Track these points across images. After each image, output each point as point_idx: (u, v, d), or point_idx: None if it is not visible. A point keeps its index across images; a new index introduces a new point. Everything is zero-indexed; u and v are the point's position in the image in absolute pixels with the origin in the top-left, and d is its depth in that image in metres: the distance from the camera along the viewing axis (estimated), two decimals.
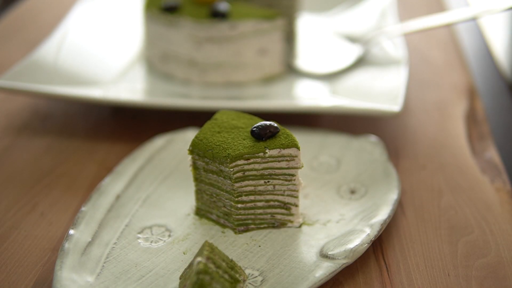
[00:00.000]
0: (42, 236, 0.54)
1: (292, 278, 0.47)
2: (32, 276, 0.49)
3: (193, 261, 0.45)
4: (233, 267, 0.46)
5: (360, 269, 0.49)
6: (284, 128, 0.52)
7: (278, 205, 0.52)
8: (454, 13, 0.75)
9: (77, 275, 0.47)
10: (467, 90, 0.76)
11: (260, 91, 0.73)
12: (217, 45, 0.73)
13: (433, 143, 0.66)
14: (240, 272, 0.47)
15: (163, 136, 0.63)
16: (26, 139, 0.68)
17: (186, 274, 0.46)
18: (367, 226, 0.51)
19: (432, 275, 0.49)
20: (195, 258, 0.45)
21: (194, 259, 0.45)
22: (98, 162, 0.64)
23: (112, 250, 0.50)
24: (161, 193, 0.57)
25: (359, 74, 0.74)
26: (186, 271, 0.46)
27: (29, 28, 0.94)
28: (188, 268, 0.46)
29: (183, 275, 0.46)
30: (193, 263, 0.45)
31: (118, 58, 0.80)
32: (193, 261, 0.45)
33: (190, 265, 0.46)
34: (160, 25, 0.75)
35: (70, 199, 0.58)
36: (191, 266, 0.45)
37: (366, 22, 0.87)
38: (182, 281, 0.46)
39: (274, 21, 0.74)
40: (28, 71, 0.71)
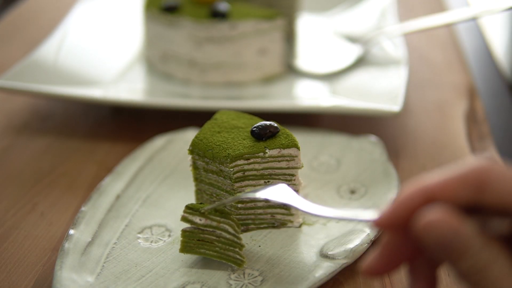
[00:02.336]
0: (42, 236, 0.54)
1: (292, 278, 0.47)
2: (32, 276, 0.49)
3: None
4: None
5: (360, 269, 0.49)
6: (284, 128, 0.52)
7: (278, 205, 0.52)
8: (454, 13, 0.75)
9: (77, 275, 0.47)
10: (467, 90, 0.76)
11: (260, 91, 0.73)
12: (217, 45, 0.73)
13: (433, 143, 0.66)
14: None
15: (163, 136, 0.63)
16: (26, 139, 0.68)
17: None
18: (367, 226, 0.51)
19: None
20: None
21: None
22: (98, 162, 0.64)
23: (112, 250, 0.50)
24: (161, 193, 0.57)
25: (359, 74, 0.74)
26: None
27: (29, 28, 0.94)
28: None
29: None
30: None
31: (118, 58, 0.80)
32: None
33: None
34: (160, 25, 0.75)
35: (70, 199, 0.58)
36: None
37: (366, 22, 0.87)
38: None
39: (274, 21, 0.74)
40: (28, 71, 0.71)
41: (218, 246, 0.47)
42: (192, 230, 0.48)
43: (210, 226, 0.47)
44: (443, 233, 0.31)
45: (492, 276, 0.31)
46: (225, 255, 0.48)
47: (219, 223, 0.47)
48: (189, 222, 0.48)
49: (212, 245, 0.48)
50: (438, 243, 0.32)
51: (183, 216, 0.48)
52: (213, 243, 0.47)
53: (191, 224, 0.48)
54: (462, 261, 0.32)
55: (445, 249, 0.32)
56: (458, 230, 0.31)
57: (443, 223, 0.31)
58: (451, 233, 0.31)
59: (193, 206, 0.48)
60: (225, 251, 0.47)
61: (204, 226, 0.47)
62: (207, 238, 0.48)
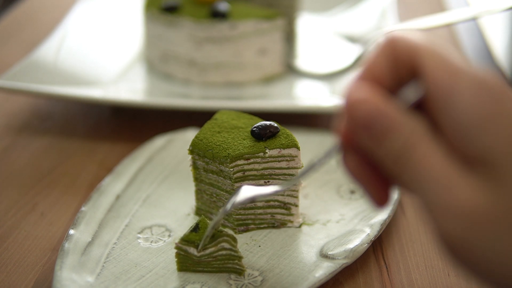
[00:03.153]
0: (42, 236, 0.54)
1: (292, 278, 0.47)
2: (32, 276, 0.49)
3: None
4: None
5: (360, 269, 0.49)
6: (284, 128, 0.52)
7: (278, 205, 0.52)
8: (454, 13, 0.75)
9: (77, 275, 0.47)
10: None
11: (260, 91, 0.73)
12: (217, 45, 0.73)
13: None
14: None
15: (163, 136, 0.63)
16: (26, 139, 0.68)
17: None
18: (367, 226, 0.51)
19: (432, 275, 0.49)
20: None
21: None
22: (98, 162, 0.64)
23: (112, 250, 0.50)
24: (161, 193, 0.57)
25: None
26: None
27: (29, 28, 0.94)
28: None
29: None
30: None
31: (118, 58, 0.80)
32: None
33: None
34: (160, 25, 0.75)
35: (70, 199, 0.58)
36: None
37: (366, 22, 0.87)
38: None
39: (274, 21, 0.74)
40: (28, 71, 0.71)
41: (216, 264, 0.47)
42: (188, 252, 0.47)
43: (207, 255, 0.47)
44: (367, 111, 0.31)
45: (417, 156, 0.30)
46: (225, 268, 0.47)
47: (216, 246, 0.47)
48: (185, 252, 0.47)
49: (209, 264, 0.47)
50: (364, 123, 0.31)
51: (178, 246, 0.47)
52: (208, 265, 0.47)
53: (187, 255, 0.47)
54: (387, 142, 0.31)
55: (370, 129, 0.31)
56: (381, 108, 0.31)
57: (367, 101, 0.31)
58: (374, 111, 0.31)
59: (188, 239, 0.47)
60: (224, 265, 0.47)
61: (201, 257, 0.47)
62: (204, 262, 0.47)
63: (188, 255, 0.47)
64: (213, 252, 0.47)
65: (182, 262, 0.48)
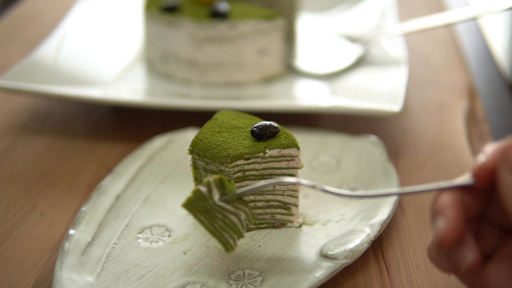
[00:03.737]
0: (42, 236, 0.54)
1: (292, 278, 0.47)
2: (32, 276, 0.49)
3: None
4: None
5: (360, 269, 0.49)
6: (284, 128, 0.52)
7: (278, 205, 0.52)
8: (454, 13, 0.75)
9: (77, 275, 0.47)
10: (467, 90, 0.76)
11: (260, 91, 0.73)
12: (217, 45, 0.73)
13: (433, 143, 0.66)
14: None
15: (163, 136, 0.63)
16: (26, 139, 0.68)
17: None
18: (367, 226, 0.51)
19: (432, 275, 0.49)
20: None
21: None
22: (98, 162, 0.64)
23: (112, 250, 0.50)
24: (161, 193, 0.57)
25: (359, 74, 0.74)
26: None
27: (29, 28, 0.94)
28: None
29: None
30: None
31: (118, 58, 0.80)
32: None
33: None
34: (160, 25, 0.75)
35: (70, 199, 0.58)
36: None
37: (366, 22, 0.87)
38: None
39: (274, 21, 0.74)
40: (28, 71, 0.71)
41: (218, 223, 0.47)
42: (205, 196, 0.46)
43: (221, 209, 0.46)
44: None
45: None
46: (220, 234, 0.47)
47: (236, 209, 0.46)
48: (207, 191, 0.46)
49: (213, 219, 0.47)
50: None
51: (208, 180, 0.46)
52: (216, 218, 0.47)
53: (205, 196, 0.46)
54: None
55: None
56: None
57: None
58: None
59: (223, 182, 0.46)
60: (222, 231, 0.47)
61: (216, 207, 0.46)
62: (213, 212, 0.47)
63: (207, 196, 0.46)
64: (228, 211, 0.46)
65: (193, 200, 0.46)
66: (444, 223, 0.37)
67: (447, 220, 0.37)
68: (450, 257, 0.38)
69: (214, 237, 0.47)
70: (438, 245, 0.37)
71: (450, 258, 0.38)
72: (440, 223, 0.38)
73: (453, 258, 0.38)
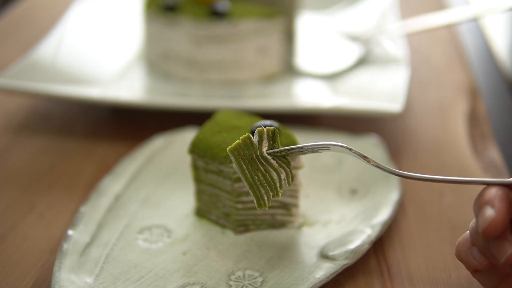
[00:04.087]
0: (40, 236, 0.53)
1: (293, 279, 0.47)
2: (31, 277, 0.49)
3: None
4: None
5: (360, 270, 0.49)
6: (284, 128, 0.52)
7: (278, 206, 0.52)
8: (455, 12, 0.74)
9: (76, 276, 0.47)
10: (469, 89, 0.76)
11: (260, 91, 0.73)
12: (217, 44, 0.73)
13: (434, 143, 0.66)
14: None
15: (162, 136, 0.63)
16: (24, 139, 0.68)
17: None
18: (368, 227, 0.50)
19: (434, 276, 0.48)
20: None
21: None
22: (97, 162, 0.64)
23: (111, 251, 0.50)
24: (160, 193, 0.57)
25: (360, 74, 0.74)
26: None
27: (27, 27, 0.94)
28: None
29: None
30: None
31: (117, 57, 0.80)
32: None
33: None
34: (159, 24, 0.75)
35: (69, 199, 0.58)
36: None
37: (367, 21, 0.87)
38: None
39: (274, 19, 0.73)
40: (26, 70, 0.71)
41: (258, 176, 0.45)
42: (254, 145, 0.45)
43: (266, 161, 0.45)
44: None
45: None
46: (256, 187, 0.45)
47: (279, 166, 0.46)
48: (258, 141, 0.45)
49: (254, 171, 0.45)
50: None
51: (261, 129, 0.45)
52: (257, 170, 0.45)
53: (254, 146, 0.45)
54: None
55: None
56: None
57: None
58: None
59: (275, 136, 0.46)
60: (260, 185, 0.45)
61: (262, 158, 0.45)
62: (256, 164, 0.45)
63: (255, 146, 0.45)
64: (271, 166, 0.45)
65: (241, 147, 0.45)
66: (493, 212, 0.39)
67: (496, 210, 0.39)
68: (488, 250, 0.40)
69: (251, 189, 0.45)
70: (483, 232, 0.39)
71: (487, 251, 0.40)
72: (488, 212, 0.39)
73: (492, 250, 0.39)
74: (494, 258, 0.40)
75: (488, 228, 0.39)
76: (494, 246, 0.39)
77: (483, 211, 0.40)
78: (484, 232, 0.39)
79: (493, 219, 0.39)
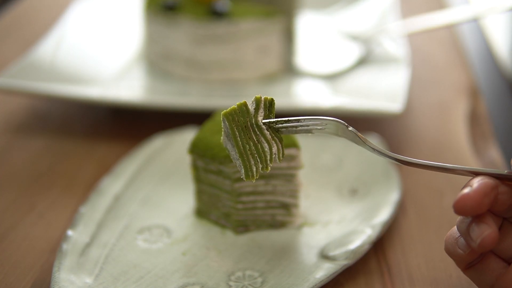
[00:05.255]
0: (40, 237, 0.53)
1: (293, 279, 0.46)
2: (30, 277, 0.49)
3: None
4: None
5: (361, 270, 0.49)
6: None
7: (278, 206, 0.52)
8: (456, 12, 0.74)
9: (76, 276, 0.46)
10: (469, 89, 0.76)
11: (260, 90, 0.73)
12: (217, 44, 0.73)
13: (435, 143, 0.66)
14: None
15: (162, 135, 0.62)
16: (23, 139, 0.68)
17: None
18: (368, 227, 0.50)
19: (434, 276, 0.48)
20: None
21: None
22: (97, 162, 0.63)
23: (111, 251, 0.50)
24: (160, 193, 0.57)
25: (360, 74, 0.74)
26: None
27: (26, 27, 0.94)
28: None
29: None
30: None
31: (117, 57, 0.79)
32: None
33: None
34: (159, 23, 0.75)
35: (68, 199, 0.58)
36: None
37: (368, 20, 0.87)
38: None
39: (274, 19, 0.73)
40: (25, 70, 0.71)
41: (249, 145, 0.44)
42: (250, 112, 0.44)
43: (262, 133, 0.44)
44: None
45: None
46: (246, 157, 0.44)
47: (272, 138, 0.44)
48: (255, 109, 0.44)
49: (246, 139, 0.44)
50: None
51: (259, 97, 0.44)
52: (249, 139, 0.44)
53: (249, 113, 0.44)
54: None
55: None
56: None
57: None
58: None
59: (272, 106, 0.44)
60: (251, 155, 0.44)
61: (256, 127, 0.44)
62: (249, 133, 0.44)
63: (251, 113, 0.44)
64: (264, 137, 0.44)
65: (236, 112, 0.44)
66: (467, 190, 0.39)
67: (472, 189, 0.39)
68: (468, 234, 0.39)
69: (240, 157, 0.44)
70: (454, 206, 0.38)
71: (467, 236, 0.39)
72: (465, 190, 0.39)
73: (470, 233, 0.39)
74: (472, 241, 0.39)
75: (459, 201, 0.38)
76: (472, 229, 0.39)
77: (461, 191, 0.39)
78: (454, 205, 0.39)
79: (464, 194, 0.38)
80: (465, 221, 0.40)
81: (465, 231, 0.40)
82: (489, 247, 0.39)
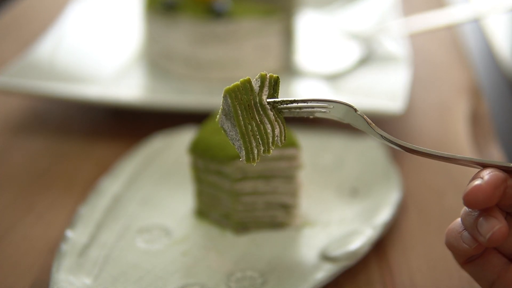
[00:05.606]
0: (39, 237, 0.53)
1: (293, 280, 0.46)
2: (29, 278, 0.49)
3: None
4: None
5: (361, 271, 0.49)
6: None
7: (278, 206, 0.52)
8: (457, 11, 0.74)
9: (75, 277, 0.46)
10: (470, 89, 0.76)
11: None
12: (217, 43, 0.72)
13: (436, 143, 0.66)
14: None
15: (161, 135, 0.62)
16: (22, 139, 0.67)
17: None
18: (369, 227, 0.50)
19: (435, 277, 0.48)
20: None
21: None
22: (96, 162, 0.63)
23: (110, 252, 0.49)
24: (159, 193, 0.56)
25: (361, 73, 0.73)
26: None
27: (25, 26, 0.94)
28: None
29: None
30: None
31: (116, 56, 0.79)
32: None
33: None
34: (159, 22, 0.74)
35: (68, 199, 0.58)
36: None
37: (369, 19, 0.86)
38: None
39: (274, 18, 0.73)
40: (24, 69, 0.71)
41: (252, 126, 0.41)
42: (254, 90, 0.41)
43: (266, 113, 0.41)
44: None
45: None
46: (248, 138, 0.41)
47: (275, 121, 0.42)
48: (259, 90, 0.41)
49: (249, 119, 0.41)
50: None
51: (264, 75, 0.41)
52: (252, 119, 0.41)
53: (253, 93, 0.41)
54: None
55: None
56: None
57: None
58: None
59: (277, 83, 0.42)
60: (253, 137, 0.41)
61: (260, 106, 0.41)
62: (252, 112, 0.41)
63: (255, 91, 0.41)
64: (267, 117, 0.41)
65: (239, 89, 0.41)
66: (479, 181, 0.37)
67: (484, 180, 0.37)
68: (476, 229, 0.38)
69: (242, 138, 0.41)
70: (464, 198, 0.37)
71: (475, 232, 0.38)
72: (476, 182, 0.38)
73: (478, 228, 0.38)
74: (480, 235, 0.38)
75: (470, 193, 0.37)
76: (481, 224, 0.38)
77: (471, 182, 0.38)
78: (465, 197, 0.37)
79: (476, 186, 0.37)
80: (472, 214, 0.39)
81: (472, 225, 0.39)
82: (499, 242, 0.37)
